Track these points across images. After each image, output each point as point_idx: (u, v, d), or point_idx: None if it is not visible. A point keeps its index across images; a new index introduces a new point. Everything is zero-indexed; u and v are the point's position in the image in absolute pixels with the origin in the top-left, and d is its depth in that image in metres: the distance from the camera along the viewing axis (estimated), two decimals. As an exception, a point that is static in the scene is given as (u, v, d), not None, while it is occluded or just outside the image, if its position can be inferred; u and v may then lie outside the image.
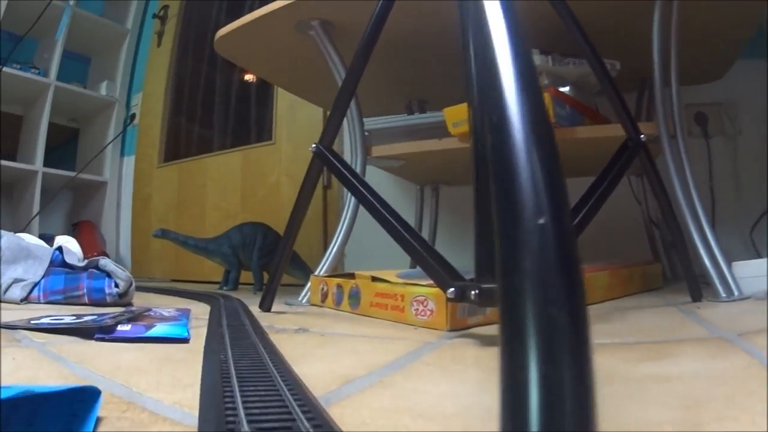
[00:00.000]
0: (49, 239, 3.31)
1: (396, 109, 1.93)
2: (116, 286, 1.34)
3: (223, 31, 1.67)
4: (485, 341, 0.85)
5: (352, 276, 1.28)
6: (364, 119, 1.61)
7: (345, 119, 1.41)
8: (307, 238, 2.55)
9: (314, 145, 1.17)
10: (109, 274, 1.36)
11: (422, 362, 0.68)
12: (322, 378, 0.59)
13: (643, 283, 1.58)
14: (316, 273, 1.49)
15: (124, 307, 1.33)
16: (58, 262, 1.45)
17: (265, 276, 2.11)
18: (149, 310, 1.03)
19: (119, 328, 0.83)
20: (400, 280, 1.13)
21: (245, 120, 3.25)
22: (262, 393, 0.47)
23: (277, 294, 1.28)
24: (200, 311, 1.21)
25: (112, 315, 0.93)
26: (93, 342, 0.81)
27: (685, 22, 1.35)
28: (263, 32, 1.63)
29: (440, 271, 0.91)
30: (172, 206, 3.41)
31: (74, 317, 0.95)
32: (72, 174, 3.55)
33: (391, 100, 2.09)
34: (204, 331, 0.89)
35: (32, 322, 0.92)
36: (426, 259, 0.94)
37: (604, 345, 0.75)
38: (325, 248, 1.55)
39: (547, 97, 1.33)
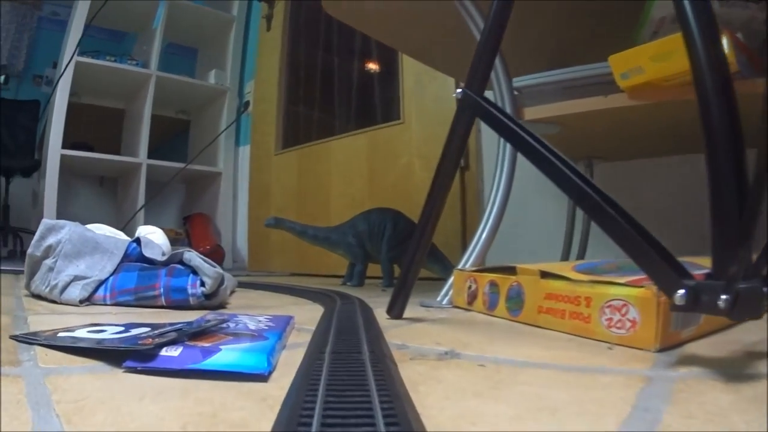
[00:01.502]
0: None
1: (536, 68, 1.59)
2: (202, 284, 1.04)
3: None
4: (726, 373, 0.54)
5: (511, 271, 0.93)
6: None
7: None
8: (442, 226, 2.22)
9: (459, 90, 0.83)
10: (194, 270, 1.07)
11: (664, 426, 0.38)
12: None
13: None
14: (460, 266, 1.15)
15: (214, 309, 1.04)
16: (135, 256, 1.18)
17: (396, 270, 1.81)
18: (228, 319, 0.72)
19: (164, 352, 0.52)
20: (585, 277, 0.78)
21: (369, 99, 2.97)
22: None
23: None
24: (308, 318, 0.90)
25: (169, 328, 0.62)
26: (120, 372, 0.51)
27: None
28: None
29: (661, 264, 0.57)
30: (292, 195, 3.18)
31: (125, 329, 0.65)
32: (180, 165, 3.38)
33: (531, 58, 1.73)
34: (299, 355, 0.57)
35: (61, 334, 0.64)
36: (637, 243, 0.59)
37: None
38: (463, 238, 1.21)
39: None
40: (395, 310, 0.90)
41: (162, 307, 1.05)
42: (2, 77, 4.39)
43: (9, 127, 3.90)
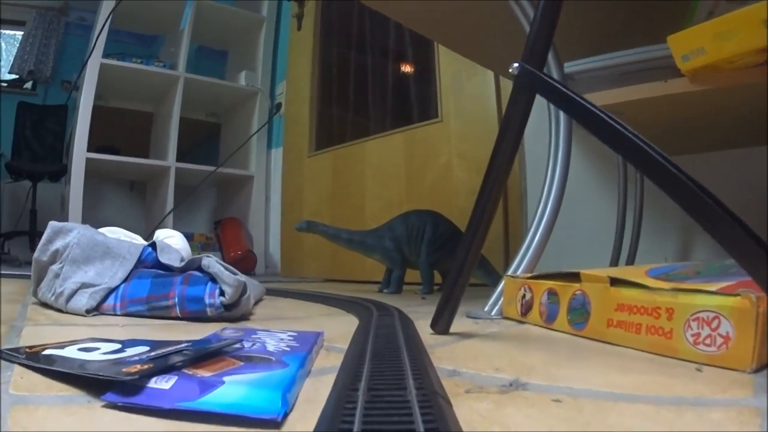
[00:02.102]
0: (188, 238, 3.14)
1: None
2: (222, 293, 0.92)
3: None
4: None
5: (574, 277, 0.80)
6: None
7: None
8: None
9: (515, 65, 0.70)
10: (213, 278, 0.95)
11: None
12: None
13: None
14: (510, 272, 1.02)
15: (235, 322, 0.93)
16: (151, 262, 1.07)
17: (436, 276, 1.75)
18: (244, 337, 0.60)
19: (153, 383, 0.41)
20: (664, 284, 0.66)
21: (404, 98, 2.84)
22: None
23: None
24: (340, 333, 0.78)
25: (171, 349, 0.51)
26: (99, 406, 0.40)
27: None
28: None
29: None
30: (325, 198, 3.06)
31: (121, 348, 0.54)
32: (211, 169, 3.29)
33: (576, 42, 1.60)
34: (326, 385, 0.45)
35: (47, 351, 0.54)
36: (742, 240, 0.47)
37: None
38: (506, 241, 1.08)
39: None
40: (441, 325, 0.77)
41: (177, 318, 0.94)
42: (30, 83, 4.43)
43: (37, 132, 3.96)
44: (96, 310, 0.96)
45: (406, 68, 2.88)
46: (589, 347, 0.69)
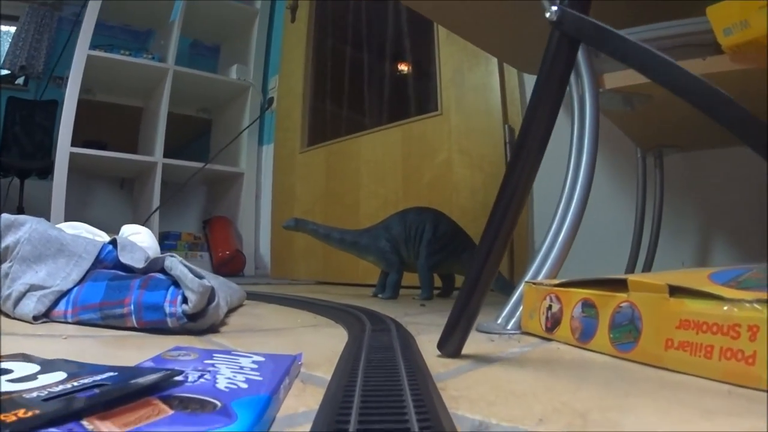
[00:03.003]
0: (175, 237, 3.00)
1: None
2: (185, 301, 0.76)
3: None
4: None
5: (617, 285, 0.64)
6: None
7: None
8: (482, 226, 1.95)
9: (554, 8, 0.54)
10: (176, 282, 0.79)
11: None
12: None
13: None
14: (529, 277, 0.86)
15: (201, 334, 0.77)
16: (110, 262, 0.91)
17: (437, 280, 1.61)
18: (187, 368, 0.44)
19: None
20: (745, 294, 0.51)
21: (402, 90, 2.69)
22: None
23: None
24: (324, 353, 0.63)
25: (86, 381, 0.36)
26: None
27: None
28: None
29: None
30: (318, 196, 2.89)
31: (36, 374, 0.39)
32: (199, 165, 3.15)
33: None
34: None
35: None
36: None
37: None
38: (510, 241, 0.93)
39: None
40: (450, 346, 0.61)
41: (134, 329, 0.78)
42: (21, 78, 4.31)
43: (26, 128, 3.90)
44: (46, 316, 0.81)
45: (404, 60, 2.72)
46: (645, 377, 0.54)
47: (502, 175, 1.61)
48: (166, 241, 3.28)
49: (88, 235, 1.00)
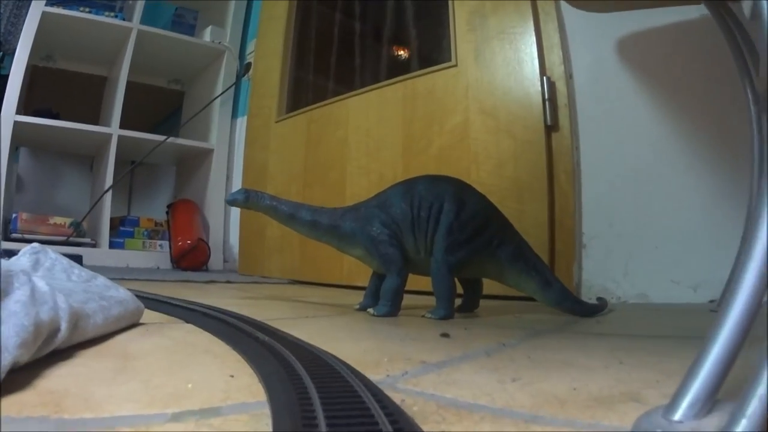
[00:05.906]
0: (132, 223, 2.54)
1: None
2: None
3: None
4: None
5: None
6: None
7: None
8: (518, 211, 1.53)
9: None
10: None
11: None
12: None
13: None
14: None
15: None
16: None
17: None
18: None
19: None
20: None
21: (404, 37, 2.17)
22: None
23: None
24: None
25: None
26: None
27: None
28: None
29: None
30: (297, 173, 2.31)
31: None
32: (161, 138, 2.71)
33: None
34: None
35: None
36: None
37: None
38: (551, 229, 0.59)
39: None
40: None
41: None
42: None
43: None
44: None
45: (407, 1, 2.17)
46: None
47: (538, 141, 1.07)
48: (121, 228, 2.80)
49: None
